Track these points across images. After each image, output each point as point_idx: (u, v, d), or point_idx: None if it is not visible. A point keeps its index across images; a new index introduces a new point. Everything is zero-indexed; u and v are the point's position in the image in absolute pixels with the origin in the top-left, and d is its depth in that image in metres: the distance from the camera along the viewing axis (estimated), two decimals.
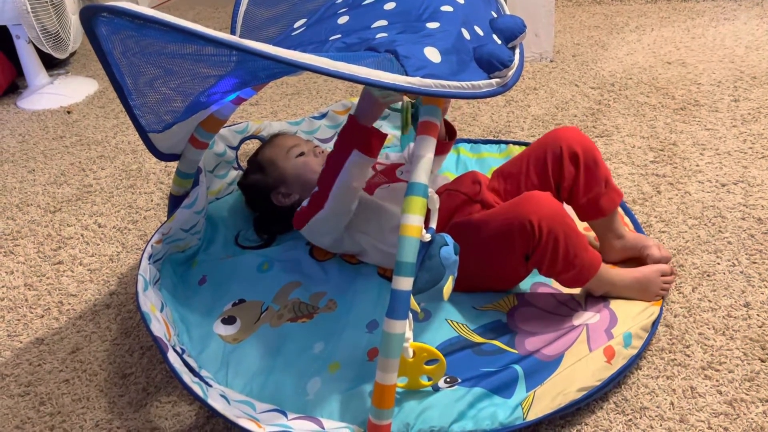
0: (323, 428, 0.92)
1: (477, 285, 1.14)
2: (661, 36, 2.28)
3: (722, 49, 2.11)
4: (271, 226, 1.34)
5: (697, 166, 1.50)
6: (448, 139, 1.31)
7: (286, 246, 1.31)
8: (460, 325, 1.09)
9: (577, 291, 1.13)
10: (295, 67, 0.76)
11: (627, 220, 1.29)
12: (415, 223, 0.83)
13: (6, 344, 1.20)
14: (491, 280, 1.14)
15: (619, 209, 1.22)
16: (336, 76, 0.76)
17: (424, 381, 0.96)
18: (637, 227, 1.28)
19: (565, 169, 1.16)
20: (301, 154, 1.31)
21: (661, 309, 1.09)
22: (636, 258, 1.17)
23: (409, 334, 0.89)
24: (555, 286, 1.16)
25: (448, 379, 0.99)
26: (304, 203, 1.18)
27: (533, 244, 1.02)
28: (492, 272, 1.12)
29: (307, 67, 0.75)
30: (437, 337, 1.07)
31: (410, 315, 0.90)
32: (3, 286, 1.35)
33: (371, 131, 1.08)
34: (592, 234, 1.23)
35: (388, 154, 1.47)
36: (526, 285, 1.17)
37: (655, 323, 1.06)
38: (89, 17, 0.80)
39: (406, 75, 0.81)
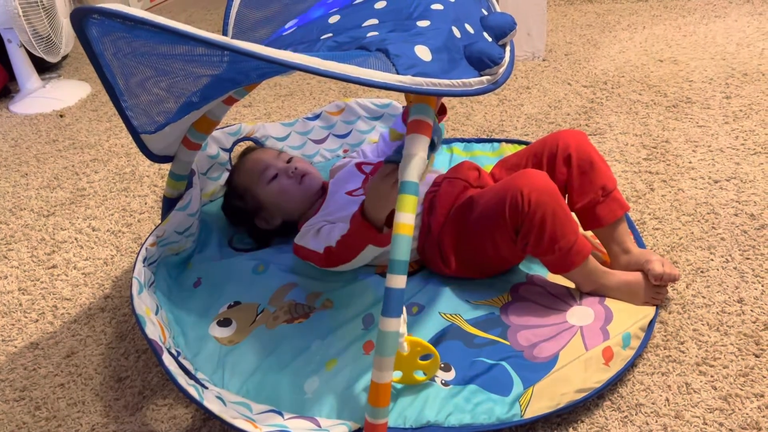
0: (320, 426, 0.92)
1: (480, 265, 1.15)
2: (653, 34, 2.29)
3: (713, 46, 2.12)
4: (265, 237, 1.34)
5: (690, 163, 1.51)
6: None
7: (281, 248, 1.31)
8: (454, 316, 1.09)
9: (573, 285, 1.14)
10: (285, 67, 0.76)
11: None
12: (407, 222, 0.84)
13: (0, 349, 1.19)
14: (492, 259, 1.14)
15: (623, 230, 1.17)
16: (326, 75, 0.76)
17: (419, 376, 0.96)
18: (640, 242, 1.24)
19: (557, 169, 1.16)
20: (275, 176, 1.29)
21: (657, 308, 1.09)
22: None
23: (403, 329, 0.89)
24: (551, 279, 1.16)
25: (442, 365, 0.99)
26: (312, 244, 1.15)
27: (522, 217, 1.03)
28: (490, 250, 1.11)
29: (298, 66, 0.75)
30: (430, 330, 1.07)
31: (404, 310, 0.90)
32: None
33: (386, 235, 1.04)
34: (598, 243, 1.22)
35: (364, 150, 1.46)
36: (521, 277, 1.17)
37: (651, 322, 1.06)
38: (80, 19, 0.80)
39: (397, 73, 0.81)
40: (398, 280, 0.83)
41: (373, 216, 1.02)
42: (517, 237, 1.06)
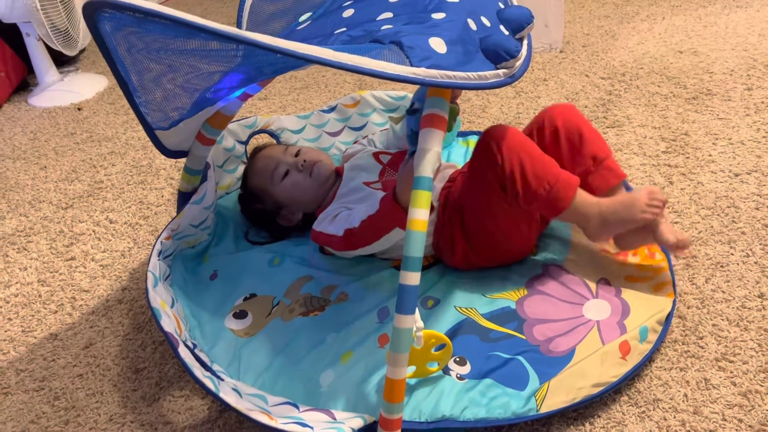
0: (335, 419, 0.92)
1: (490, 248, 1.15)
2: (673, 25, 2.26)
3: (735, 37, 2.08)
4: (284, 232, 1.34)
5: (710, 156, 1.49)
6: None
7: (296, 240, 1.31)
8: (469, 310, 1.09)
9: (589, 279, 1.12)
10: (299, 60, 0.76)
11: None
12: (421, 218, 0.83)
13: (20, 340, 1.21)
14: (498, 236, 1.13)
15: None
16: (341, 67, 0.76)
17: (432, 368, 0.96)
18: None
19: (546, 144, 1.16)
20: (286, 173, 1.29)
21: (674, 301, 1.08)
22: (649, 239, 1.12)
23: (420, 323, 0.89)
24: (567, 268, 1.15)
25: (457, 359, 0.99)
26: (330, 228, 1.16)
27: (500, 168, 1.04)
28: (490, 223, 1.11)
29: (311, 59, 0.75)
30: (446, 324, 1.07)
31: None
32: (17, 283, 1.36)
33: None
34: None
35: (373, 139, 1.46)
36: (537, 269, 1.16)
37: (669, 316, 1.05)
38: (91, 13, 0.80)
39: (411, 66, 0.80)
40: (412, 277, 0.82)
41: (403, 200, 1.02)
42: (506, 193, 1.06)
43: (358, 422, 0.91)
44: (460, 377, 0.97)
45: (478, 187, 1.09)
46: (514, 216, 1.10)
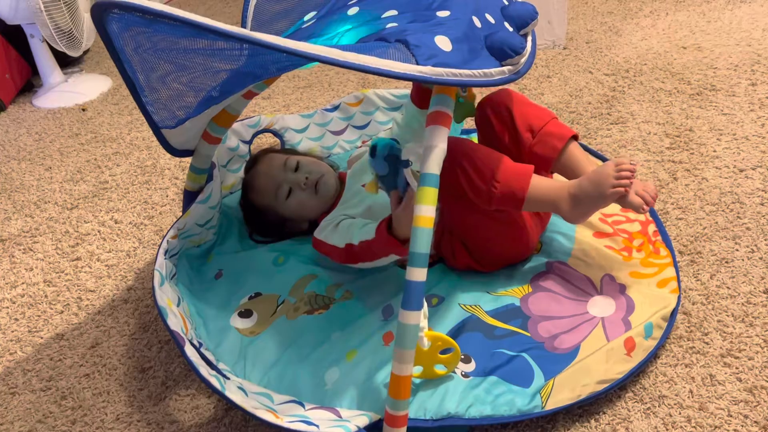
0: (340, 417, 0.92)
1: (493, 257, 1.15)
2: (676, 20, 2.25)
3: (739, 32, 2.07)
4: (289, 235, 1.34)
5: (714, 151, 1.48)
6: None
7: (301, 240, 1.32)
8: (474, 307, 1.09)
9: (593, 275, 1.12)
10: (305, 59, 0.76)
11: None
12: (428, 214, 0.83)
13: (27, 340, 1.22)
14: (497, 247, 1.13)
15: (577, 152, 1.13)
16: (346, 66, 0.76)
17: (440, 370, 0.96)
18: (663, 232, 1.24)
19: (493, 137, 1.16)
20: (290, 191, 1.26)
21: (679, 297, 1.08)
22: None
23: (424, 323, 0.89)
24: (572, 265, 1.15)
25: (462, 357, 0.99)
26: (331, 239, 1.14)
27: (450, 174, 1.00)
28: (472, 226, 1.11)
29: (318, 58, 0.75)
30: (450, 321, 1.07)
31: (425, 304, 0.90)
32: (23, 283, 1.37)
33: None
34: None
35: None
36: (541, 266, 1.16)
37: (674, 312, 1.05)
38: (100, 14, 0.81)
39: (417, 64, 0.80)
40: (418, 273, 0.83)
41: (399, 234, 1.01)
42: (466, 202, 1.05)
43: (364, 420, 0.92)
44: (465, 375, 0.98)
45: (450, 204, 1.08)
46: (496, 224, 1.09)
